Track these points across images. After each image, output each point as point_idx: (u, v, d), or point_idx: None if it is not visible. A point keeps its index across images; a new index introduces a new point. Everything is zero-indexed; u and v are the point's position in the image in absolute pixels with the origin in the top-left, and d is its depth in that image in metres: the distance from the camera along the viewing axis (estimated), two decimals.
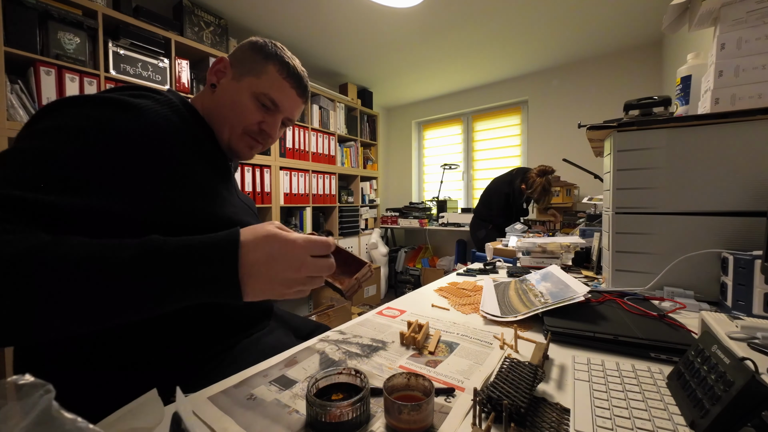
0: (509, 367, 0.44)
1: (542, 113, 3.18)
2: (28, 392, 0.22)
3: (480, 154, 3.64)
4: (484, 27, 2.39)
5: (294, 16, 2.26)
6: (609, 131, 0.86)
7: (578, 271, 1.10)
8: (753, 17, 0.75)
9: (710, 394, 0.34)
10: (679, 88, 0.98)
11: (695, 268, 0.75)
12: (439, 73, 3.20)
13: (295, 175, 2.61)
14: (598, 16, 2.28)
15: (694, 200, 0.76)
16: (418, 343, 0.57)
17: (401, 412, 0.35)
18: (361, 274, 0.62)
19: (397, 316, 0.74)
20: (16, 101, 1.38)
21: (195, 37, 2.03)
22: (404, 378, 0.41)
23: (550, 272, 0.85)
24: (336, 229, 3.00)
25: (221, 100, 0.64)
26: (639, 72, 2.70)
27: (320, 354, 0.56)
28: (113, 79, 1.65)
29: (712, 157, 0.74)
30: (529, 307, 0.69)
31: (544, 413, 0.39)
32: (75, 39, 1.53)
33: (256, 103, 0.64)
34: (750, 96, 0.76)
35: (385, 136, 4.27)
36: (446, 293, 0.91)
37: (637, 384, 0.43)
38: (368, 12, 2.20)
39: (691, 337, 0.54)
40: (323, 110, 2.88)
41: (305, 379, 0.48)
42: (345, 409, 0.36)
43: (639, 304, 0.68)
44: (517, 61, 2.96)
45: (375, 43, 2.63)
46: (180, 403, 0.34)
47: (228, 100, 0.64)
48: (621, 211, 0.83)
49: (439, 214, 3.42)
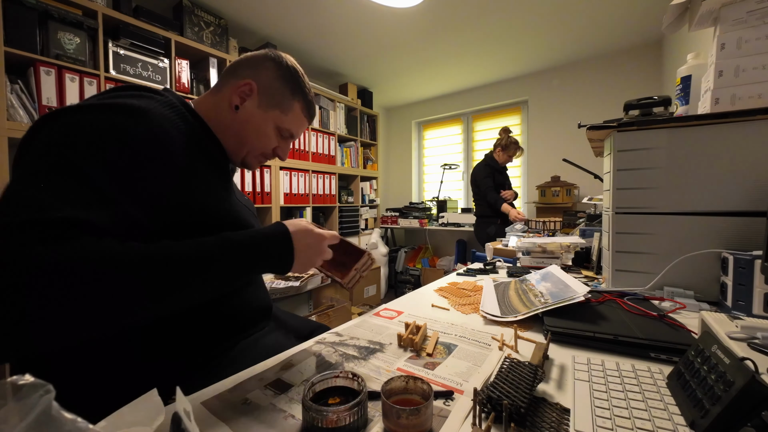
0: (509, 367, 0.44)
1: (542, 113, 3.18)
2: (28, 392, 0.22)
3: (480, 154, 3.64)
4: (484, 27, 2.39)
5: (294, 16, 2.26)
6: (609, 131, 0.86)
7: (578, 271, 1.10)
8: (753, 17, 0.75)
9: (710, 394, 0.34)
10: (679, 88, 0.98)
11: (695, 268, 0.75)
12: (439, 73, 3.20)
13: (295, 175, 2.61)
14: (598, 16, 2.28)
15: (694, 200, 0.76)
16: (416, 344, 0.57)
17: (400, 417, 0.35)
18: (360, 264, 0.70)
19: (394, 317, 0.74)
20: (16, 101, 1.38)
21: (195, 37, 2.03)
22: (402, 381, 0.41)
23: (550, 272, 0.85)
24: (336, 229, 3.00)
25: (245, 125, 0.66)
26: (639, 72, 2.70)
27: (317, 356, 0.56)
28: (113, 79, 1.65)
29: (712, 157, 0.74)
30: (529, 307, 0.69)
31: (544, 413, 0.39)
32: (75, 39, 1.53)
33: (277, 133, 0.69)
34: (750, 96, 0.76)
35: (385, 136, 4.27)
36: (446, 293, 0.91)
37: (637, 384, 0.43)
38: (368, 12, 2.20)
39: (691, 337, 0.54)
40: (323, 110, 2.89)
41: (301, 382, 0.48)
42: (342, 414, 0.35)
43: (639, 304, 0.68)
44: (517, 61, 2.97)
45: (375, 43, 2.63)
46: (180, 403, 0.34)
47: (253, 127, 0.66)
48: (621, 211, 0.83)
49: (439, 214, 3.42)
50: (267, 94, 0.66)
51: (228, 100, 0.65)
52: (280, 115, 0.67)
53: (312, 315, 2.04)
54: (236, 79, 0.65)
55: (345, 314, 2.26)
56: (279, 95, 0.67)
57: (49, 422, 0.21)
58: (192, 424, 0.31)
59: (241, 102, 0.65)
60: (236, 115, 0.65)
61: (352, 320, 0.73)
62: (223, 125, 0.65)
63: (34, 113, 1.43)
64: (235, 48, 2.32)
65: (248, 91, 0.65)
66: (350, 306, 2.45)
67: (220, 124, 0.65)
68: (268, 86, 0.66)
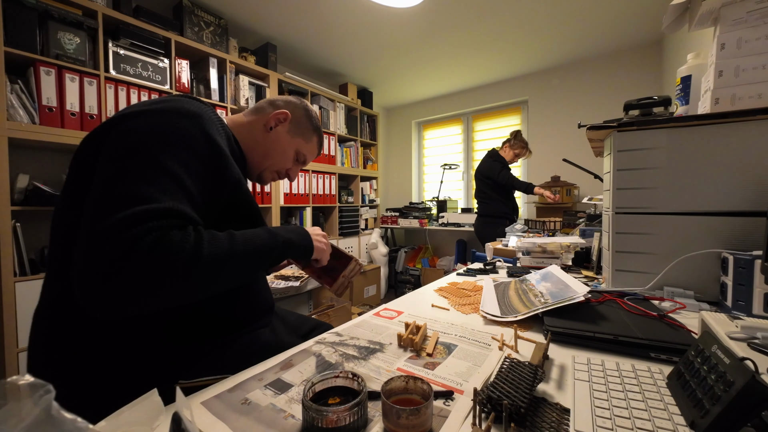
0: (509, 367, 0.44)
1: (542, 113, 3.18)
2: (28, 392, 0.22)
3: (480, 154, 3.64)
4: (485, 27, 2.39)
5: (294, 17, 2.26)
6: (609, 131, 0.86)
7: (578, 271, 1.10)
8: (753, 17, 0.75)
9: (710, 394, 0.34)
10: (679, 88, 0.98)
11: (695, 268, 0.75)
12: (439, 73, 3.20)
13: None
14: (598, 16, 2.28)
15: (694, 200, 0.76)
16: (416, 344, 0.57)
17: (400, 417, 0.35)
18: (348, 271, 0.80)
19: (394, 317, 0.74)
20: (16, 101, 1.38)
21: (195, 37, 2.03)
22: (402, 381, 0.41)
23: (550, 272, 0.85)
24: (336, 229, 3.01)
25: (274, 143, 0.78)
26: (639, 72, 2.70)
27: (316, 356, 0.56)
28: (113, 79, 1.65)
29: (712, 157, 0.74)
30: (529, 307, 0.69)
31: (544, 413, 0.39)
32: (75, 39, 1.53)
33: (295, 157, 0.83)
34: (750, 96, 0.76)
35: (385, 136, 4.27)
36: (446, 293, 0.91)
37: (637, 384, 0.43)
38: (368, 12, 2.20)
39: (691, 337, 0.54)
40: (323, 110, 2.89)
41: (301, 382, 0.48)
42: (342, 414, 0.35)
43: (639, 304, 0.68)
44: (517, 61, 2.96)
45: (375, 43, 2.63)
46: (180, 403, 0.34)
47: (280, 147, 0.79)
48: (621, 211, 0.83)
49: (439, 214, 3.41)
50: (296, 125, 0.81)
51: (264, 122, 0.77)
52: (303, 142, 0.83)
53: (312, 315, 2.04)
54: (274, 108, 0.79)
55: (345, 314, 2.26)
56: (304, 128, 0.82)
57: (49, 422, 0.21)
58: (192, 424, 0.31)
59: (275, 125, 0.78)
60: (268, 135, 0.78)
61: (352, 320, 0.73)
62: (254, 141, 0.77)
63: (34, 113, 1.43)
64: (235, 48, 2.32)
65: (283, 118, 0.78)
66: (350, 306, 2.45)
67: (250, 140, 0.76)
68: (299, 119, 0.81)
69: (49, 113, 1.46)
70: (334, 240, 2.96)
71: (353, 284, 2.80)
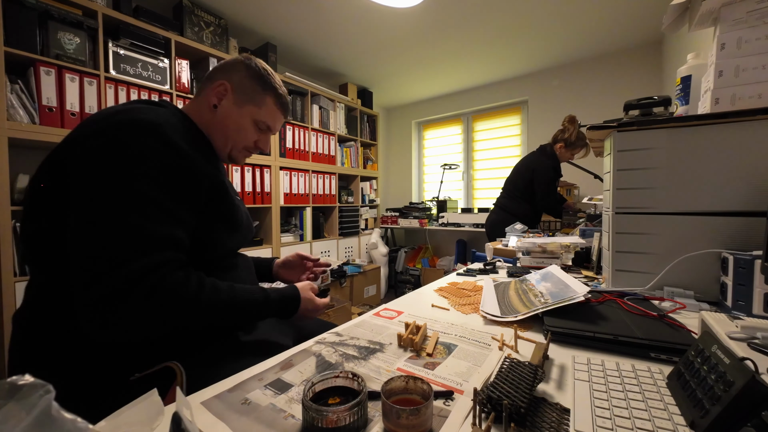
0: (509, 367, 0.44)
1: (542, 113, 3.18)
2: (28, 392, 0.22)
3: (480, 154, 3.64)
4: (484, 27, 2.39)
5: (294, 16, 2.26)
6: (609, 131, 0.86)
7: (578, 271, 1.10)
8: (753, 17, 0.75)
9: (710, 394, 0.34)
10: (679, 88, 0.98)
11: (695, 268, 0.75)
12: (439, 73, 3.20)
13: (295, 175, 2.61)
14: (598, 16, 2.28)
15: (694, 200, 0.76)
16: (416, 344, 0.57)
17: (400, 417, 0.35)
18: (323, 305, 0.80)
19: (394, 317, 0.74)
20: (16, 101, 1.38)
21: (195, 37, 2.03)
22: (402, 381, 0.41)
23: (550, 272, 0.85)
24: (336, 229, 3.00)
25: (225, 122, 0.73)
26: (639, 72, 2.70)
27: (316, 356, 0.56)
28: (113, 79, 1.65)
29: (712, 157, 0.74)
30: (529, 307, 0.69)
31: (544, 413, 0.39)
32: (75, 39, 1.53)
33: (255, 127, 0.76)
34: (750, 96, 0.76)
35: (385, 136, 4.27)
36: (446, 293, 0.91)
37: (637, 384, 0.43)
38: (368, 12, 2.20)
39: (691, 337, 0.54)
40: (323, 110, 2.88)
41: (301, 382, 0.48)
42: (342, 414, 0.35)
43: (639, 304, 0.68)
44: (517, 61, 2.96)
45: (375, 43, 2.62)
46: (180, 403, 0.34)
47: (232, 123, 0.73)
48: (621, 211, 0.82)
49: (439, 214, 3.41)
50: (240, 92, 0.73)
51: (207, 101, 0.72)
52: (255, 109, 0.74)
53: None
54: (212, 82, 0.73)
55: (345, 314, 2.26)
56: (251, 91, 0.73)
57: (49, 422, 0.21)
58: (192, 424, 0.31)
59: (219, 101, 0.72)
60: (216, 114, 0.72)
61: (352, 320, 0.73)
62: (208, 124, 0.72)
63: (34, 113, 1.43)
64: (235, 48, 2.32)
65: (223, 90, 0.72)
66: (350, 306, 2.45)
67: (205, 123, 0.72)
68: (241, 85, 0.73)
69: (49, 113, 1.46)
70: (334, 240, 2.96)
71: (354, 284, 2.80)
